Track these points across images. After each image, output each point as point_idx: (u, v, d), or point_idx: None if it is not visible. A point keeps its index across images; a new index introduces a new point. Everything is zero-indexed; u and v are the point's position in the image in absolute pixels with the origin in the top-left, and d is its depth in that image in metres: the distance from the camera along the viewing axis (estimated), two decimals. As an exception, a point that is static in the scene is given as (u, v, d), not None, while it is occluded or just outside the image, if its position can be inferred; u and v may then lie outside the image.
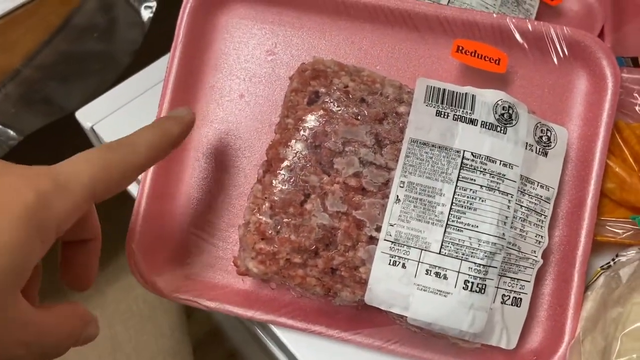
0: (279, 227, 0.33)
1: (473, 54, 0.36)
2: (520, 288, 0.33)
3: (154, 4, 0.63)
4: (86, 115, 0.45)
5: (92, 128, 0.44)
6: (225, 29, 0.39)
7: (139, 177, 0.38)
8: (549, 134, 0.34)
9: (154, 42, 0.54)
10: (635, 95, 0.40)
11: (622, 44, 0.46)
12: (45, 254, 0.25)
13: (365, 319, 0.37)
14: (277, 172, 0.34)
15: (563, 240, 0.36)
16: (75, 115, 0.46)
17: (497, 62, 0.36)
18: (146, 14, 0.63)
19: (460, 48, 0.36)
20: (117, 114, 0.45)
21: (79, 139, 0.49)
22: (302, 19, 0.39)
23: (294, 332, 0.37)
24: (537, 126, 0.34)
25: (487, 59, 0.36)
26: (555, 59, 0.37)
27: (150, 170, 0.37)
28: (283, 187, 0.33)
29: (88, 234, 0.30)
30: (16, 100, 0.58)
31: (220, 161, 0.39)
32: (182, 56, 0.38)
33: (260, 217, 0.33)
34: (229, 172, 0.39)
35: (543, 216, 0.34)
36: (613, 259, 0.36)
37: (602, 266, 0.36)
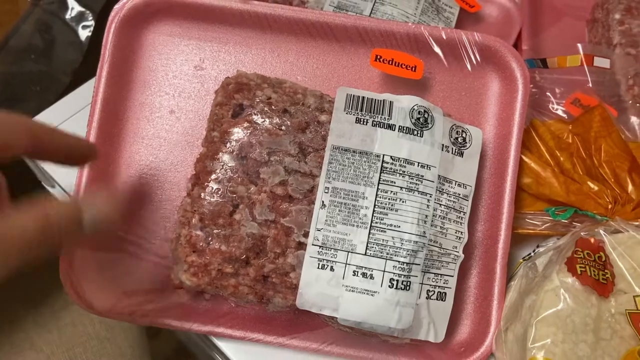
0: (209, 238, 0.34)
1: (390, 62, 0.38)
2: (444, 283, 0.35)
3: (92, 24, 0.63)
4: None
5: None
6: (152, 46, 0.40)
7: (61, 183, 0.39)
8: (464, 134, 0.36)
9: (94, 60, 0.54)
10: (548, 94, 0.43)
11: (539, 49, 0.48)
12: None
13: (303, 323, 0.38)
14: (205, 184, 0.34)
15: (485, 235, 0.38)
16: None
17: (413, 69, 0.38)
18: (84, 34, 0.63)
19: (379, 57, 0.38)
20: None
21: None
22: (228, 34, 0.40)
23: (233, 342, 0.38)
24: (453, 128, 0.36)
25: (403, 66, 0.37)
26: (468, 65, 0.39)
27: (82, 189, 0.37)
28: (211, 199, 0.34)
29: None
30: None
31: (153, 177, 0.39)
32: (109, 74, 0.38)
33: (190, 230, 0.34)
34: (163, 188, 0.39)
35: (462, 213, 0.36)
36: (534, 250, 0.38)
37: (524, 257, 0.38)
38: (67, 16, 0.64)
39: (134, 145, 0.39)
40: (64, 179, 0.43)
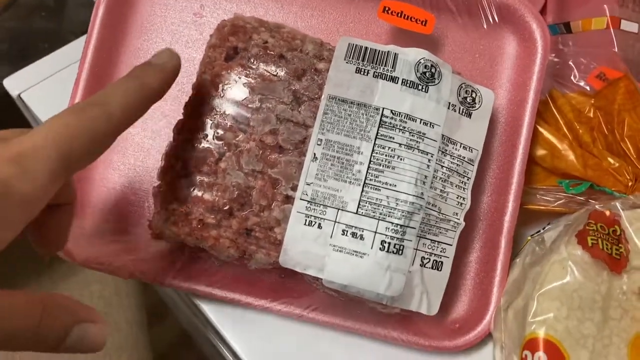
0: (192, 186, 0.32)
1: (399, 15, 0.35)
2: (441, 251, 0.32)
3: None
4: (14, 83, 0.43)
5: (19, 96, 0.43)
6: (152, -10, 0.38)
7: None
8: (473, 94, 0.33)
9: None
10: (571, 64, 0.40)
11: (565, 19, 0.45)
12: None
13: (288, 288, 0.35)
14: (192, 129, 0.32)
15: (491, 207, 0.36)
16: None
17: (423, 23, 0.35)
18: (97, -5, 0.61)
19: (387, 9, 0.35)
20: (46, 82, 0.43)
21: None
22: (231, -18, 0.38)
23: (214, 303, 0.35)
24: (462, 87, 0.33)
25: (413, 19, 0.35)
26: (484, 24, 0.37)
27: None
28: (197, 145, 0.32)
29: (62, 199, 0.27)
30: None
31: (145, 126, 0.37)
32: (105, 16, 0.37)
33: (173, 176, 0.32)
34: (152, 138, 0.37)
35: (466, 178, 0.33)
36: (544, 227, 0.35)
37: (533, 234, 0.35)
38: (82, -24, 0.63)
39: (125, 91, 0.38)
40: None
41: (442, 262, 0.32)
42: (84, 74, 0.36)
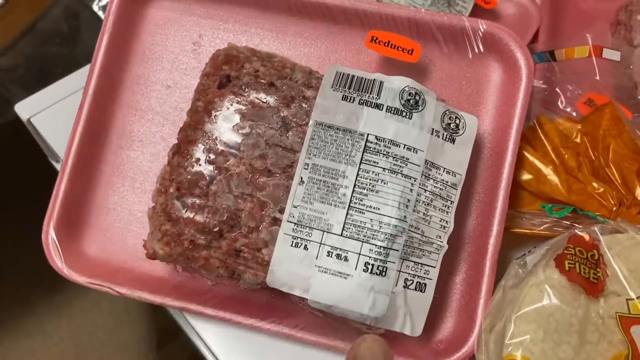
0: (184, 208, 0.33)
1: (387, 44, 0.36)
2: (424, 273, 0.33)
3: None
4: (24, 108, 0.46)
5: (29, 120, 0.45)
6: (154, 20, 0.40)
7: (62, 158, 0.39)
8: (457, 121, 0.35)
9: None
10: (558, 90, 0.41)
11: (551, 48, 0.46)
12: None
13: (278, 307, 0.36)
14: (185, 153, 0.34)
15: (476, 230, 0.36)
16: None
17: (410, 52, 0.36)
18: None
19: (375, 38, 0.37)
20: (55, 107, 0.45)
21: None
22: (228, 12, 0.40)
23: (206, 321, 0.37)
24: (445, 113, 0.34)
25: (400, 49, 0.36)
26: (470, 53, 0.38)
27: (72, 154, 0.37)
28: (190, 169, 0.34)
29: None
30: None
31: (144, 149, 0.39)
32: (109, 44, 0.39)
33: (167, 198, 0.34)
34: (152, 162, 0.39)
35: (449, 201, 0.34)
36: (529, 250, 0.36)
37: (517, 258, 0.36)
38: (95, 5, 0.66)
39: (127, 116, 0.40)
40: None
41: (425, 284, 0.33)
42: (88, 99, 0.38)
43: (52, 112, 0.46)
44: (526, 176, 0.37)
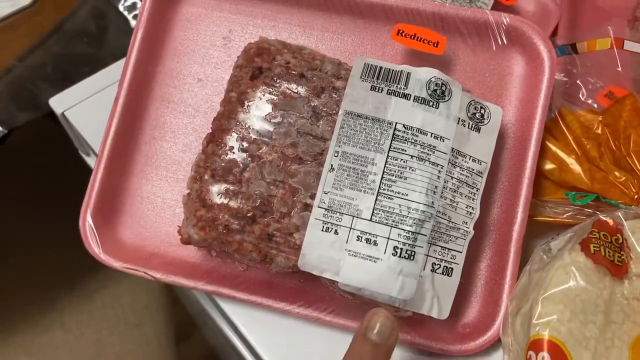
0: (219, 194, 0.35)
1: (412, 37, 0.38)
2: (451, 258, 0.34)
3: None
4: (59, 102, 0.47)
5: (63, 114, 0.47)
6: (185, 17, 0.42)
7: (97, 150, 0.40)
8: (482, 111, 0.36)
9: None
10: (579, 83, 0.42)
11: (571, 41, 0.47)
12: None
13: (308, 291, 0.37)
14: (220, 142, 0.35)
15: (501, 217, 0.37)
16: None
17: (435, 44, 0.37)
18: (134, 23, 0.66)
19: (401, 31, 0.38)
20: (87, 102, 0.47)
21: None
22: (257, 8, 0.41)
23: (237, 305, 0.38)
24: (471, 103, 0.35)
25: (425, 41, 0.37)
26: (494, 45, 0.39)
27: (107, 145, 0.39)
28: (224, 157, 0.35)
29: None
30: (5, 96, 0.61)
31: (176, 140, 0.40)
32: (143, 39, 0.40)
33: (202, 185, 0.35)
34: (184, 152, 0.40)
35: (475, 189, 0.35)
36: (552, 238, 0.37)
37: (542, 244, 0.37)
38: (121, 5, 0.68)
39: (160, 109, 0.41)
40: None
41: (452, 268, 0.34)
42: (123, 92, 0.40)
43: (84, 107, 0.47)
44: (549, 165, 0.38)
